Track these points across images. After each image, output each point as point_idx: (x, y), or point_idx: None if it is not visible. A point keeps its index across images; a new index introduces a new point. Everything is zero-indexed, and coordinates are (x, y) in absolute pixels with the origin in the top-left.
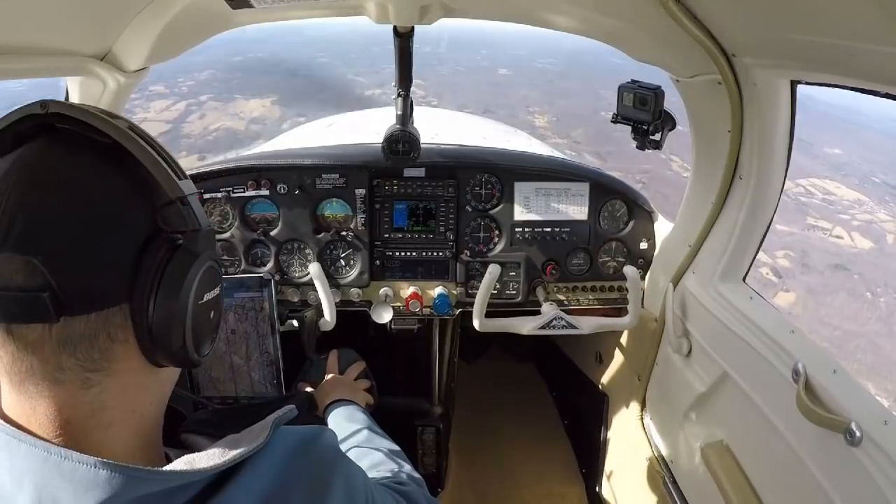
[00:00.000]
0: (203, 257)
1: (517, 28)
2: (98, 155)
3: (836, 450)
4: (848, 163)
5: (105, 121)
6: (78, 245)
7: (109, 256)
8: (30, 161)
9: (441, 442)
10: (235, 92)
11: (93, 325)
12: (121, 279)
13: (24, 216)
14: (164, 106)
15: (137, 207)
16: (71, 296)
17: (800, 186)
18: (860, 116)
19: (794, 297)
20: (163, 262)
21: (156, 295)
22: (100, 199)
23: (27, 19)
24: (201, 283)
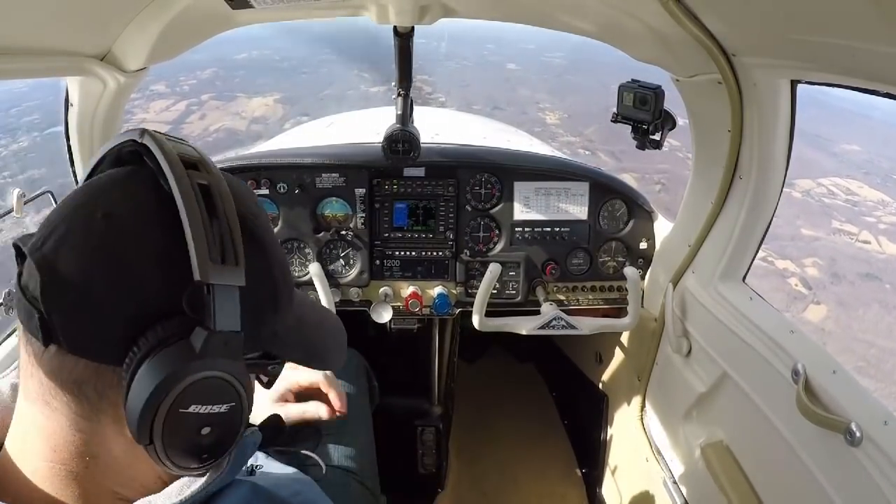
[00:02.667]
0: (204, 363)
1: None
2: (157, 204)
3: (836, 450)
4: (868, 160)
5: (175, 167)
6: (83, 284)
7: (109, 311)
8: (101, 183)
9: (441, 442)
10: (238, 90)
11: (81, 371)
12: (114, 340)
13: (60, 234)
14: (164, 106)
15: (160, 274)
16: (59, 330)
17: (822, 187)
18: (875, 111)
19: (826, 310)
20: (159, 344)
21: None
22: (127, 249)
23: (27, 19)
24: (190, 390)
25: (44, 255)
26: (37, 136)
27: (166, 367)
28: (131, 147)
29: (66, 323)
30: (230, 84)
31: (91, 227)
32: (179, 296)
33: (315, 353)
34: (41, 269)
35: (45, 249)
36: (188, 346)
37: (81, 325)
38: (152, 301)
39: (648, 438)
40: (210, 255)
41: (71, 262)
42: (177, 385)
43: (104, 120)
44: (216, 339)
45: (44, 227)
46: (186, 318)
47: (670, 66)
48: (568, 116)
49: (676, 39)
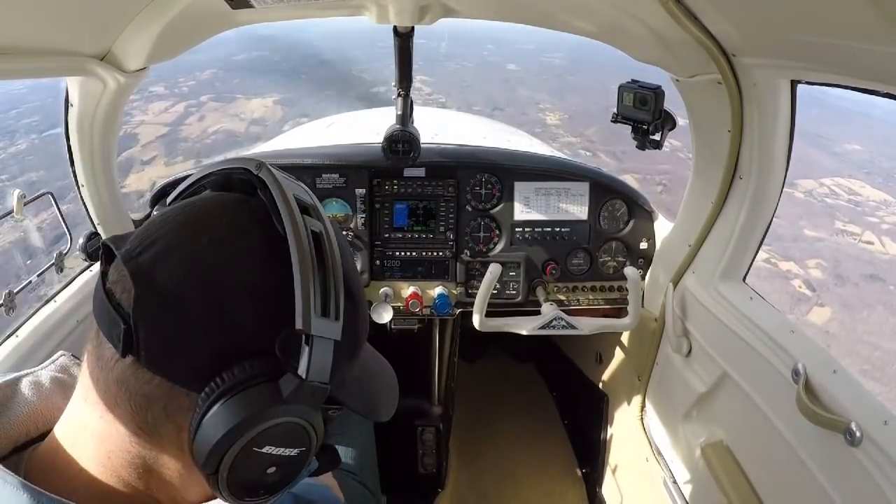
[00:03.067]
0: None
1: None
2: (265, 241)
3: (836, 450)
4: (870, 160)
5: (293, 211)
6: (177, 304)
7: (198, 337)
8: (210, 206)
9: (441, 442)
10: (237, 91)
11: (154, 388)
12: (197, 366)
13: (161, 247)
14: (163, 107)
15: (256, 312)
16: (142, 344)
17: (824, 186)
18: (875, 110)
19: (830, 312)
20: (245, 381)
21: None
22: (228, 280)
23: (27, 19)
24: (269, 432)
25: (139, 266)
26: (35, 138)
27: (252, 405)
28: (243, 175)
29: (151, 339)
30: (229, 85)
31: (195, 249)
32: (270, 337)
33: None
34: (136, 278)
35: (142, 260)
36: (276, 389)
37: (167, 345)
38: (243, 336)
39: (648, 438)
40: (314, 306)
41: (169, 279)
42: (259, 425)
43: (104, 120)
44: (306, 388)
45: (141, 237)
46: (275, 361)
47: (670, 67)
48: (568, 117)
49: (676, 40)
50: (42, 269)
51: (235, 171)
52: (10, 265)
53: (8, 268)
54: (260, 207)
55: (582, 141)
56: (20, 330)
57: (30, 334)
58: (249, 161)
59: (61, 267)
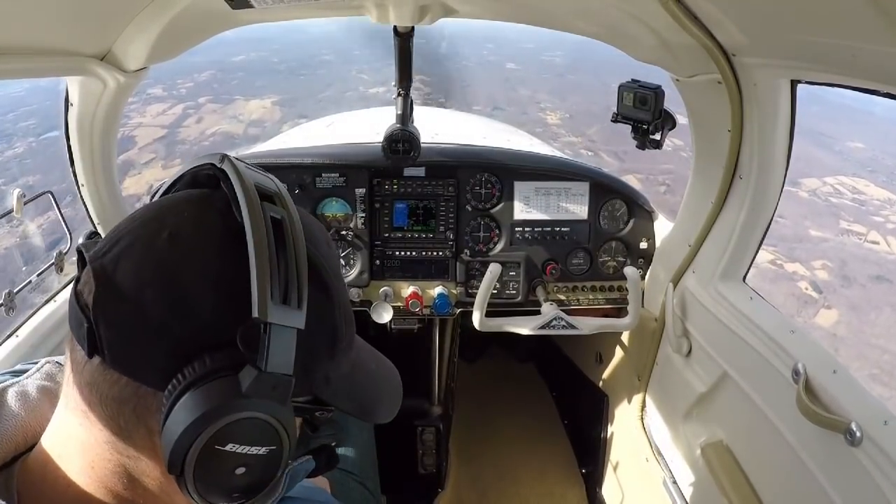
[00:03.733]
0: (248, 403)
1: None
2: (226, 232)
3: (836, 450)
4: (873, 158)
5: (251, 198)
6: (137, 301)
7: (159, 332)
8: (173, 202)
9: (441, 442)
10: (235, 93)
11: (122, 389)
12: (159, 363)
13: (123, 246)
14: (161, 110)
15: (216, 303)
16: (106, 342)
17: (828, 185)
18: (876, 107)
19: (837, 314)
20: (205, 376)
21: (176, 402)
22: (187, 273)
23: (27, 19)
24: (230, 428)
25: (103, 265)
26: (32, 141)
27: (209, 400)
28: (209, 171)
29: (112, 336)
30: (228, 87)
31: (154, 244)
32: (233, 329)
33: (365, 406)
34: (97, 277)
35: (106, 259)
36: (235, 382)
37: (128, 342)
38: (204, 330)
39: (648, 438)
40: (272, 294)
41: (128, 275)
42: (217, 421)
43: (104, 120)
44: (265, 380)
45: (110, 236)
46: (237, 353)
47: (670, 66)
48: (569, 116)
49: (676, 39)
50: (42, 269)
51: (203, 168)
52: (10, 267)
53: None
54: (222, 199)
55: (583, 141)
56: (20, 330)
57: (30, 334)
58: (214, 155)
59: (61, 267)
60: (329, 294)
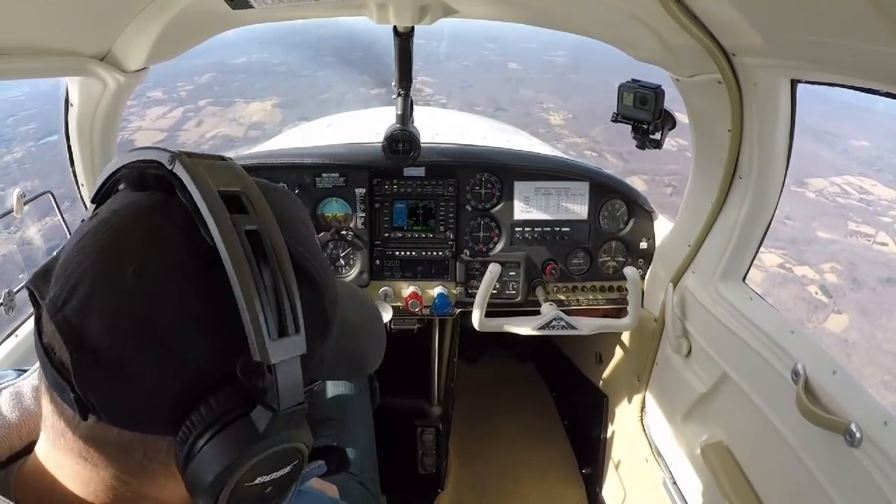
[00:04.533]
0: (268, 443)
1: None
2: (192, 255)
3: (836, 450)
4: (878, 156)
5: (218, 214)
6: (117, 356)
7: (152, 385)
8: (126, 222)
9: (441, 442)
10: (236, 95)
11: (128, 441)
12: (163, 414)
13: (84, 293)
14: (161, 113)
15: (206, 344)
16: (97, 405)
17: (835, 185)
18: (879, 104)
19: (848, 319)
20: (215, 421)
21: (192, 449)
22: (164, 314)
23: (27, 19)
24: (255, 467)
25: (67, 321)
26: (32, 146)
27: (230, 449)
28: (157, 171)
29: (104, 401)
30: (228, 89)
31: (119, 286)
32: (230, 361)
33: (355, 366)
34: (67, 339)
35: (68, 312)
36: (251, 425)
37: (122, 401)
38: (198, 372)
39: (648, 438)
40: (268, 331)
41: (100, 330)
42: (241, 468)
43: (104, 120)
44: (281, 417)
45: (62, 279)
46: (242, 387)
47: (670, 66)
48: (572, 117)
49: (676, 39)
50: None
51: (148, 165)
52: (10, 266)
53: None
54: (181, 211)
55: (587, 141)
56: (20, 330)
57: (30, 334)
58: (162, 153)
59: None
60: (316, 286)
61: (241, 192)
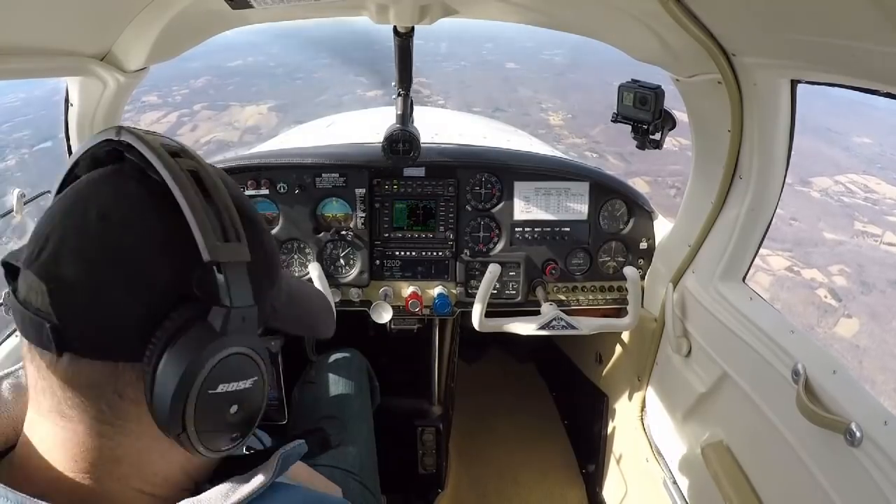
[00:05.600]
0: (226, 340)
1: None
2: (149, 196)
3: (836, 450)
4: (881, 153)
5: (164, 158)
6: (91, 286)
7: (122, 308)
8: (86, 185)
9: (441, 442)
10: (231, 99)
11: (99, 374)
12: (131, 336)
13: (56, 241)
14: (156, 118)
15: (167, 263)
16: (73, 335)
17: (839, 184)
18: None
19: (858, 324)
20: (177, 332)
21: (157, 364)
22: (130, 244)
23: (27, 19)
24: (217, 369)
25: (43, 265)
26: (25, 152)
27: (191, 351)
28: (107, 147)
29: (79, 328)
30: (223, 92)
31: (88, 230)
32: (188, 281)
33: (309, 324)
34: (44, 278)
35: (44, 258)
36: (208, 326)
37: (96, 328)
38: (163, 290)
39: (648, 438)
40: (214, 235)
41: (75, 266)
42: (204, 367)
43: (104, 120)
44: (235, 315)
45: (35, 240)
46: (199, 301)
47: (670, 66)
48: (572, 117)
49: (676, 39)
50: None
51: (99, 147)
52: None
53: None
54: (132, 168)
55: (587, 142)
56: None
57: None
58: (108, 131)
59: None
60: (256, 227)
61: (180, 148)
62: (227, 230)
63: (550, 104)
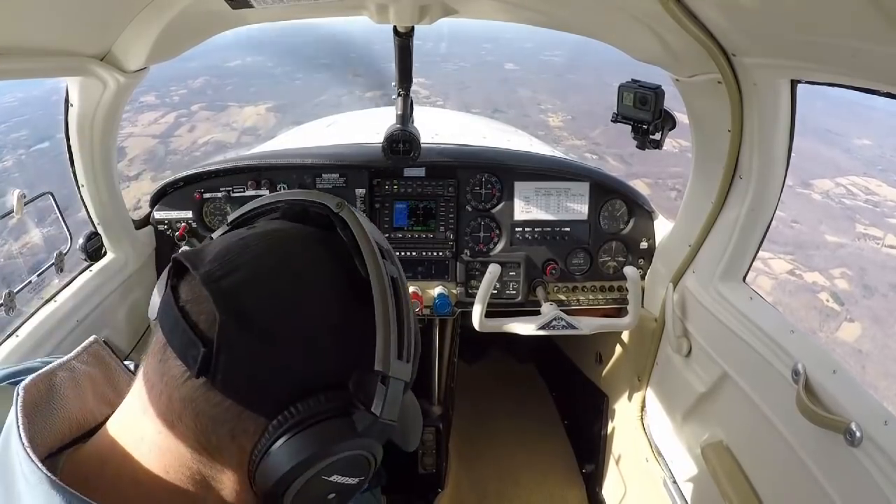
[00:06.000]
0: (362, 442)
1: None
2: (347, 279)
3: (836, 450)
4: (881, 155)
5: (374, 257)
6: (263, 334)
7: (280, 368)
8: (292, 238)
9: (441, 442)
10: (229, 99)
11: (223, 410)
12: (275, 396)
13: (244, 274)
14: (153, 118)
15: (340, 351)
16: (222, 369)
17: (841, 187)
18: (878, 101)
19: (860, 328)
20: (320, 414)
21: (289, 435)
22: (318, 316)
23: (27, 19)
24: (340, 462)
25: (222, 290)
26: (22, 153)
27: (329, 436)
28: (321, 210)
29: (232, 364)
30: (222, 93)
31: (279, 281)
32: (345, 373)
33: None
34: (220, 303)
35: (225, 285)
36: (350, 423)
37: (249, 372)
38: (324, 372)
39: (648, 438)
40: (393, 349)
41: (255, 307)
42: (333, 455)
43: (104, 120)
44: (378, 425)
45: (221, 260)
46: (346, 396)
47: (670, 66)
48: (572, 118)
49: (676, 39)
50: (42, 269)
51: (313, 205)
52: (11, 266)
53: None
54: (340, 246)
55: (587, 143)
56: (20, 330)
57: (30, 334)
58: (330, 198)
59: (61, 267)
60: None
61: (388, 250)
62: (404, 350)
63: (550, 105)
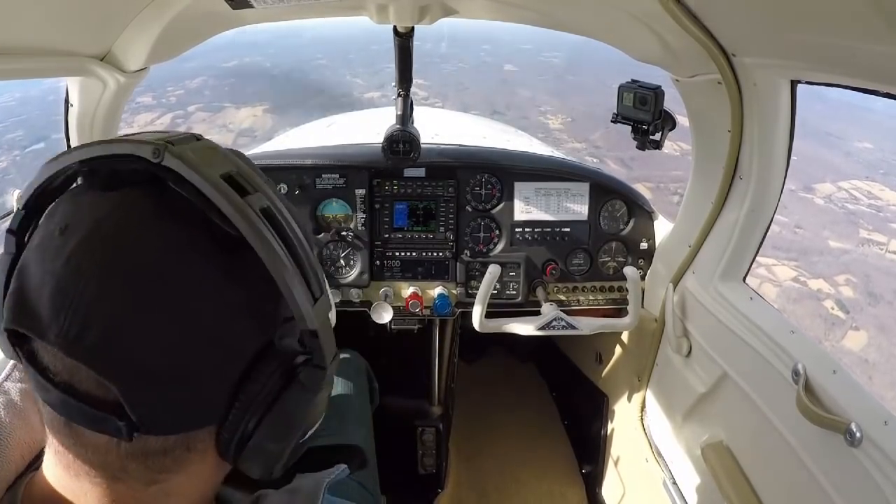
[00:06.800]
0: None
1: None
2: (212, 243)
3: (836, 450)
4: (883, 159)
5: (231, 198)
6: (164, 364)
7: (204, 384)
8: (119, 230)
9: (441, 442)
10: (226, 100)
11: (172, 443)
12: (213, 403)
13: (102, 321)
14: (149, 119)
15: (251, 325)
16: (148, 419)
17: (843, 191)
18: (877, 103)
19: (866, 337)
20: (274, 391)
21: (259, 423)
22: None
23: (27, 19)
24: (311, 424)
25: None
26: (17, 154)
27: (300, 412)
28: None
29: (155, 415)
30: (219, 93)
31: (146, 301)
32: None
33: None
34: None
35: (90, 343)
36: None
37: (176, 410)
38: (243, 355)
39: (648, 438)
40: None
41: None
42: (304, 422)
43: (104, 120)
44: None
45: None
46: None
47: (670, 66)
48: (571, 120)
49: (676, 39)
50: None
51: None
52: None
53: None
54: (179, 204)
55: (588, 146)
56: None
57: None
58: (140, 145)
59: None
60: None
61: (236, 171)
62: (314, 287)
63: (549, 107)
